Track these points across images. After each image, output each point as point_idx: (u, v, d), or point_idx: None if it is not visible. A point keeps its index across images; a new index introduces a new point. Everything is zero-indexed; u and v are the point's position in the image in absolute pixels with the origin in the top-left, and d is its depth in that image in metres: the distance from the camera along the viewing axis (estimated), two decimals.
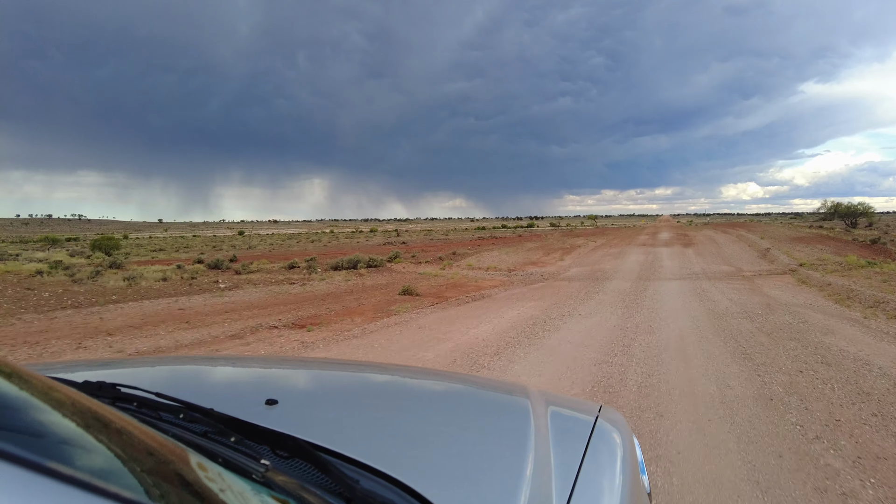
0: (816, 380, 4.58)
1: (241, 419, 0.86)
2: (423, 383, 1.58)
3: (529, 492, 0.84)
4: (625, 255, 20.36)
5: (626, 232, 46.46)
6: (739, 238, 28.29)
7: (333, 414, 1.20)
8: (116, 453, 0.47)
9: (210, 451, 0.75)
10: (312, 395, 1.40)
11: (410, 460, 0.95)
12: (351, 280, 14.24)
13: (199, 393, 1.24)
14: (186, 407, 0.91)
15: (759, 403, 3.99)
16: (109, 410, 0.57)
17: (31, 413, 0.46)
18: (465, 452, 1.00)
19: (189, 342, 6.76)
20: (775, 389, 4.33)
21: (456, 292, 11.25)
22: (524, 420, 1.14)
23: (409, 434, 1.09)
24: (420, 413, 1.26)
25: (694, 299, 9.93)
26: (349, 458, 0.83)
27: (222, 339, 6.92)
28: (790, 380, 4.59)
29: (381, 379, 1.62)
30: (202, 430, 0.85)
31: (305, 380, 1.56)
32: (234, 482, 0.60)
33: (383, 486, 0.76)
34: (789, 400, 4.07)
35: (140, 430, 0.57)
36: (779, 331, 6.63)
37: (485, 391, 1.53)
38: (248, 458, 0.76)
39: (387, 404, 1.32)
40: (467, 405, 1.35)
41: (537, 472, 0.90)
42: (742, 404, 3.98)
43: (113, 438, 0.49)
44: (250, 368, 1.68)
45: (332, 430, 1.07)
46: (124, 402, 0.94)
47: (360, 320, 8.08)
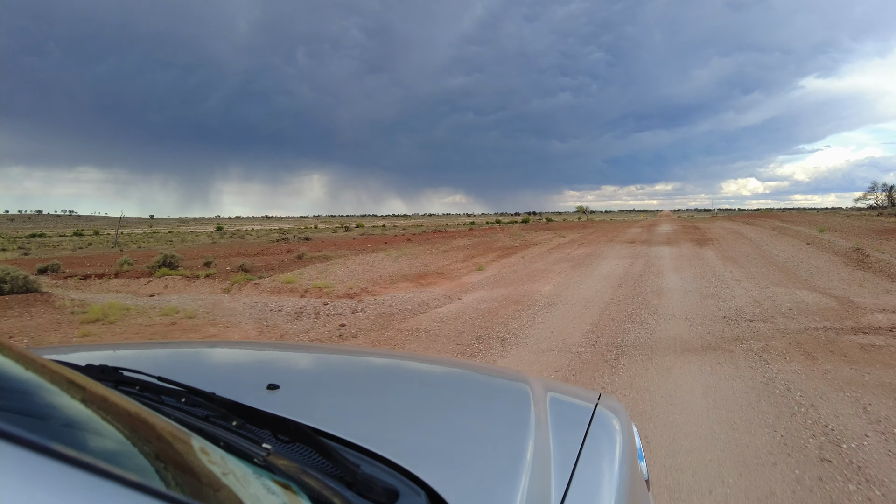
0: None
1: (242, 403, 0.87)
2: (424, 368, 1.55)
3: (529, 476, 0.83)
4: (595, 262, 11.48)
5: (614, 225, 37.13)
6: (780, 231, 18.94)
7: (334, 398, 1.18)
8: (126, 436, 0.47)
9: (212, 435, 0.76)
10: (313, 380, 1.37)
11: (411, 445, 0.93)
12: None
13: (200, 377, 1.18)
14: (188, 391, 0.91)
15: None
16: (115, 393, 0.57)
17: (38, 395, 0.46)
18: (466, 437, 0.99)
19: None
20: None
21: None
22: (524, 405, 1.12)
23: (411, 419, 1.09)
24: (421, 398, 1.25)
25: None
26: (350, 443, 0.84)
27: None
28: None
29: (381, 363, 1.58)
30: (204, 415, 0.86)
31: (306, 365, 1.54)
32: (236, 466, 0.60)
33: (384, 471, 0.77)
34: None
35: (146, 413, 0.56)
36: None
37: (485, 376, 1.51)
38: (249, 442, 0.77)
39: (388, 389, 1.30)
40: (468, 390, 1.34)
41: (537, 457, 0.89)
42: None
43: (121, 421, 0.49)
44: (251, 352, 1.69)
45: (333, 414, 1.05)
46: (127, 386, 0.95)
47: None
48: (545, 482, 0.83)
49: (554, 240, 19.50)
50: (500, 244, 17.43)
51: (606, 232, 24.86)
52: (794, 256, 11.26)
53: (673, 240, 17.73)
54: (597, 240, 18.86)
